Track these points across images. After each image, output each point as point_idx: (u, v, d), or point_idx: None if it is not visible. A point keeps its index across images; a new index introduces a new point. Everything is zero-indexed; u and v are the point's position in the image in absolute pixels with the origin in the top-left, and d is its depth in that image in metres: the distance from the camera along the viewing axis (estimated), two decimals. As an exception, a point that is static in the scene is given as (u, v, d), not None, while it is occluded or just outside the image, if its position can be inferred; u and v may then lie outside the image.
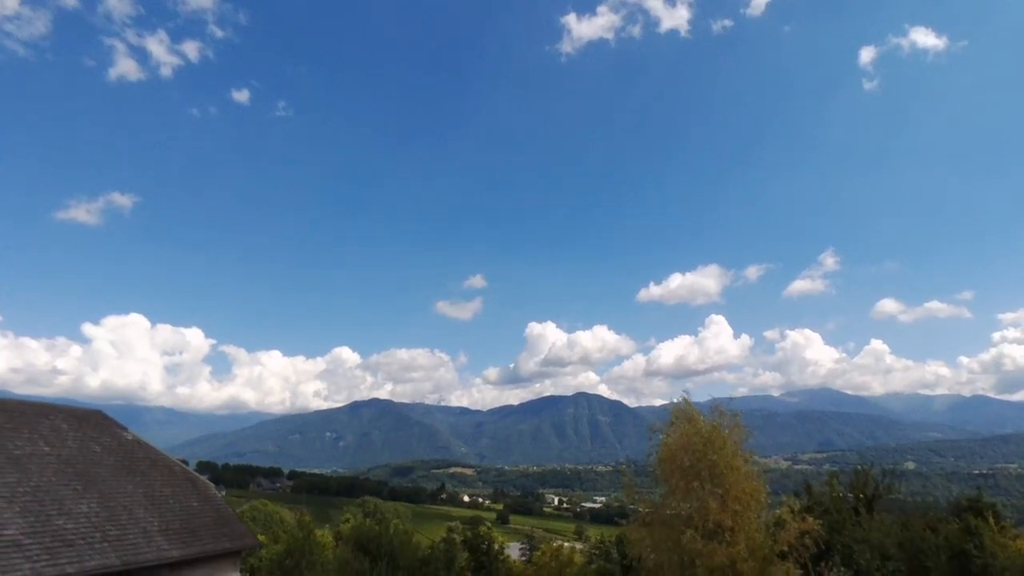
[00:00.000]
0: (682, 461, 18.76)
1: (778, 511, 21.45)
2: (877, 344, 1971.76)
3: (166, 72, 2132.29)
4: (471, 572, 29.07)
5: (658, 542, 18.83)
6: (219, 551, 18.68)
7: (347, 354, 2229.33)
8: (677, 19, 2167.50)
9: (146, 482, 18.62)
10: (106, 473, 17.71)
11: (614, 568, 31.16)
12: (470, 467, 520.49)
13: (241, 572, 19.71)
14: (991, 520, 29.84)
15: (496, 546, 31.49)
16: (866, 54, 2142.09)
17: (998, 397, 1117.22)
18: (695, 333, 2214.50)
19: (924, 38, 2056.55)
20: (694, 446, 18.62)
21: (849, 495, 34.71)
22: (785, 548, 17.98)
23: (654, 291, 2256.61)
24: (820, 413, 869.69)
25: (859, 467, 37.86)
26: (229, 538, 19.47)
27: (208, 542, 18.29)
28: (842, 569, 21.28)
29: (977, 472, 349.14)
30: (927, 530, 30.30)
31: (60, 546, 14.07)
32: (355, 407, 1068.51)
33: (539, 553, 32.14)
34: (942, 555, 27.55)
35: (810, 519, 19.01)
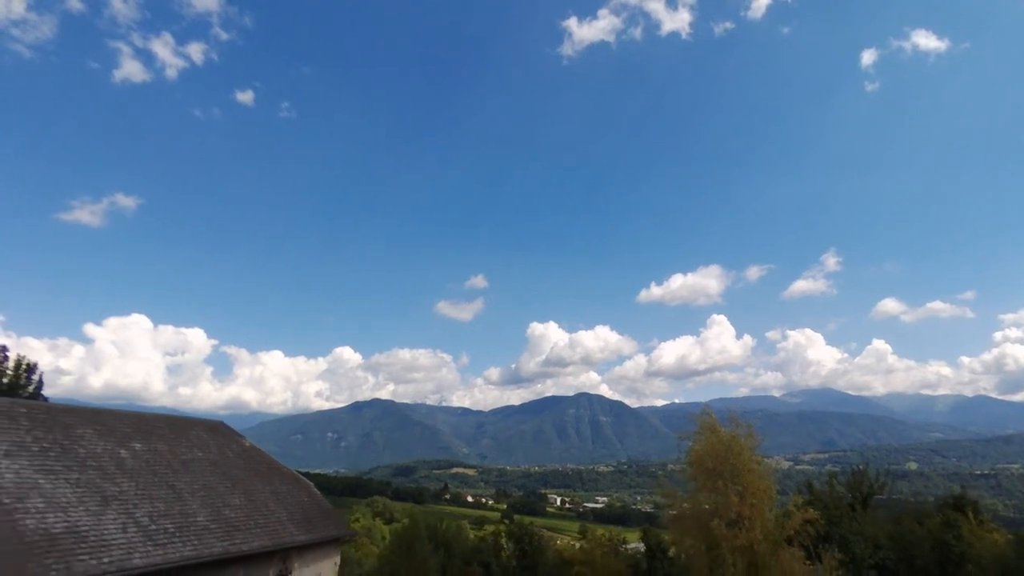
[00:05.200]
0: (707, 464, 23.24)
1: (786, 505, 25.63)
2: (879, 344, 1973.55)
3: (171, 74, 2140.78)
4: (516, 560, 33.14)
5: (689, 530, 23.44)
6: (328, 537, 22.94)
7: (348, 354, 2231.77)
8: (678, 22, 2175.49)
9: (269, 481, 22.80)
10: (242, 474, 21.89)
11: (641, 558, 35.34)
12: (472, 467, 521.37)
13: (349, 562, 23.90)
14: (970, 515, 34.03)
15: (537, 538, 35.71)
16: (867, 56, 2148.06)
17: (1000, 397, 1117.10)
18: (697, 333, 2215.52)
19: (925, 40, 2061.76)
20: (717, 452, 23.13)
21: (847, 493, 38.88)
22: (791, 534, 22.53)
23: (655, 292, 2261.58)
24: (822, 413, 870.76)
25: (856, 467, 42.05)
26: (334, 527, 23.79)
27: (321, 530, 22.49)
28: (839, 554, 25.32)
29: (979, 472, 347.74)
30: (915, 524, 34.47)
31: (232, 530, 18.21)
32: (356, 407, 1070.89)
33: (586, 541, 36.16)
34: (926, 545, 31.73)
35: (811, 511, 23.52)
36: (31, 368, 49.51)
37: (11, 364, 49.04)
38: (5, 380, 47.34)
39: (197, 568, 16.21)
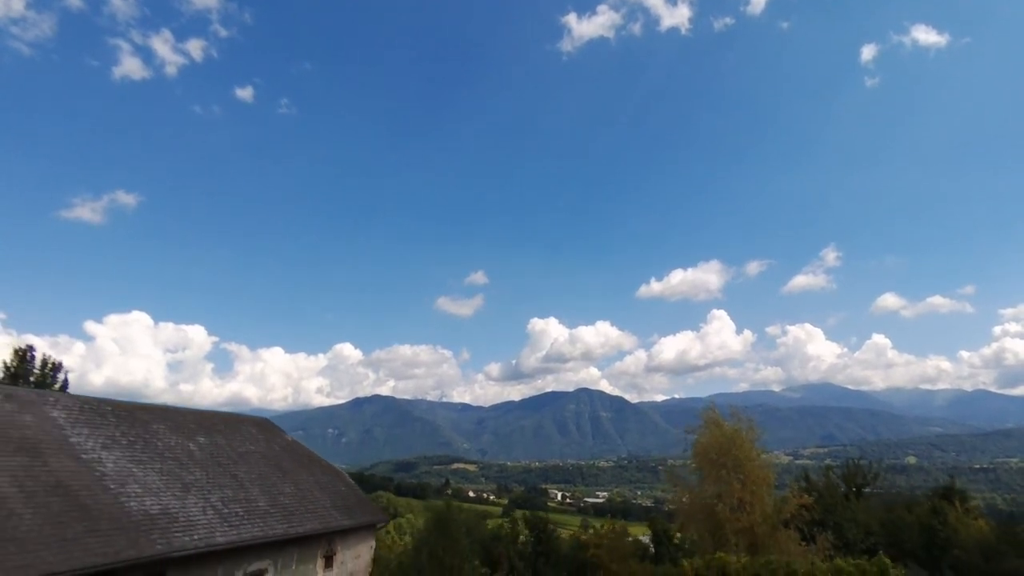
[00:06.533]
0: (712, 455, 25.60)
1: (784, 494, 27.98)
2: (878, 339, 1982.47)
3: (171, 71, 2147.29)
4: (532, 547, 35.37)
5: (695, 514, 25.82)
6: (365, 523, 25.09)
7: (349, 351, 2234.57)
8: (678, 17, 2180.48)
9: (312, 472, 24.97)
10: (289, 465, 24.05)
11: (647, 544, 37.76)
12: (472, 463, 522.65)
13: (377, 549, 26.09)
14: (957, 503, 36.34)
15: (551, 526, 38.05)
16: (867, 51, 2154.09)
17: (999, 391, 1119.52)
18: (697, 329, 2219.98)
19: (925, 36, 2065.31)
20: (721, 444, 25.51)
21: (842, 483, 41.15)
22: (788, 517, 24.93)
23: (655, 287, 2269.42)
24: (821, 408, 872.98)
25: (850, 460, 44.34)
26: (370, 513, 25.96)
27: (360, 516, 24.64)
28: (831, 537, 27.51)
29: (978, 466, 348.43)
30: (905, 512, 36.78)
31: (288, 514, 20.35)
32: (357, 403, 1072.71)
33: (598, 526, 38.48)
34: (914, 531, 34.02)
35: (806, 496, 25.96)
36: (56, 367, 51.61)
37: (38, 363, 51.20)
38: (32, 379, 49.49)
39: (264, 547, 18.39)
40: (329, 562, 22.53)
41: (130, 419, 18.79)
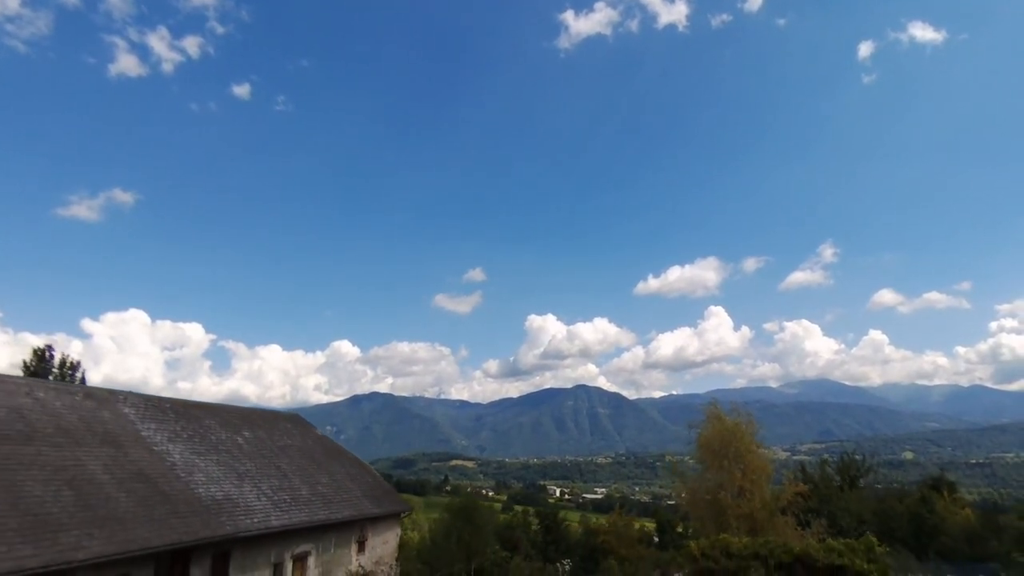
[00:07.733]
0: (714, 447, 27.64)
1: (780, 484, 30.02)
2: (875, 335, 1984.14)
3: (167, 68, 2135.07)
4: (542, 536, 37.41)
5: (700, 502, 27.85)
6: (391, 512, 26.95)
7: (347, 348, 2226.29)
8: (675, 14, 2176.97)
9: (341, 464, 26.81)
10: (322, 458, 25.90)
11: (652, 533, 39.89)
12: (471, 459, 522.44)
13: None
14: (945, 493, 38.37)
15: (561, 517, 40.17)
16: (865, 48, 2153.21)
17: (996, 387, 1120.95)
18: (694, 325, 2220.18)
19: (922, 32, 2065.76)
20: (723, 437, 27.55)
21: (836, 476, 43.12)
22: (785, 504, 27.01)
23: (653, 284, 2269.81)
24: (819, 404, 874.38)
25: (845, 454, 46.33)
26: (395, 503, 27.83)
27: (387, 505, 26.50)
28: (826, 524, 29.44)
29: (974, 461, 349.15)
30: (896, 501, 38.78)
31: (326, 502, 22.19)
32: (355, 400, 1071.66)
33: (610, 516, 40.54)
34: (904, 518, 36.02)
35: (801, 484, 28.04)
36: (74, 366, 53.30)
37: (56, 362, 52.87)
38: (50, 378, 51.17)
39: (308, 531, 20.24)
40: (362, 547, 24.38)
41: (186, 415, 20.60)
